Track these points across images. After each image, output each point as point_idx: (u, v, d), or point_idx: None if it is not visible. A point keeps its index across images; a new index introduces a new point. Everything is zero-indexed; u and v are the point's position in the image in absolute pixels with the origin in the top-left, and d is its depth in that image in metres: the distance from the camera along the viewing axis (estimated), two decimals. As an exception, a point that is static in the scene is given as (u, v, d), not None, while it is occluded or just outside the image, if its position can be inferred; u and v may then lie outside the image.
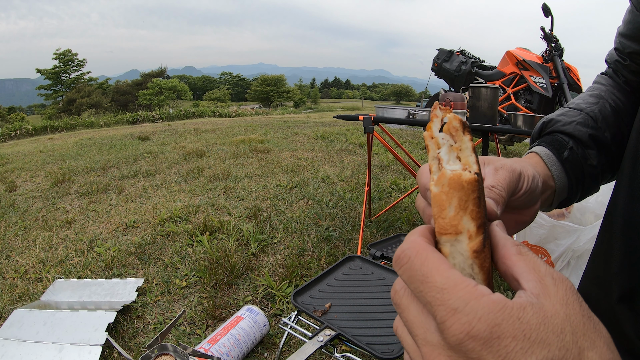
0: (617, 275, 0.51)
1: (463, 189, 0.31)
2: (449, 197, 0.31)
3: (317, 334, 0.68)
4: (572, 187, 0.51)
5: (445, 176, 0.32)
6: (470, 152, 0.33)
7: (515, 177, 0.38)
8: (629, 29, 0.53)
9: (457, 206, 0.31)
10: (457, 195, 0.31)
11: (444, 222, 0.32)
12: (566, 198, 0.52)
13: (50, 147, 4.88)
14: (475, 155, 0.33)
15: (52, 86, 31.66)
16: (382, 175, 2.89)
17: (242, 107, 22.07)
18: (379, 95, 78.09)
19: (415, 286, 0.21)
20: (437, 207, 0.32)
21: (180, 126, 7.25)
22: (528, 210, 0.43)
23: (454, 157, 0.33)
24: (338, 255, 1.56)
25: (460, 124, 0.33)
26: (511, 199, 0.39)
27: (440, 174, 0.33)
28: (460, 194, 0.31)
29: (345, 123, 6.36)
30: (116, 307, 1.17)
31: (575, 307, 0.20)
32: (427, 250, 0.23)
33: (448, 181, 0.32)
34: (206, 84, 66.21)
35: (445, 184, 0.32)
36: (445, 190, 0.32)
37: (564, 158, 0.50)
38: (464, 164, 0.32)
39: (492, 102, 1.42)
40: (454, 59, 4.59)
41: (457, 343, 0.18)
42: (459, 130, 0.33)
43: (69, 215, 2.14)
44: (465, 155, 0.33)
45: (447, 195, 0.31)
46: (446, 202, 0.31)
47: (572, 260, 1.19)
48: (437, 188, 0.32)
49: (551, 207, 0.51)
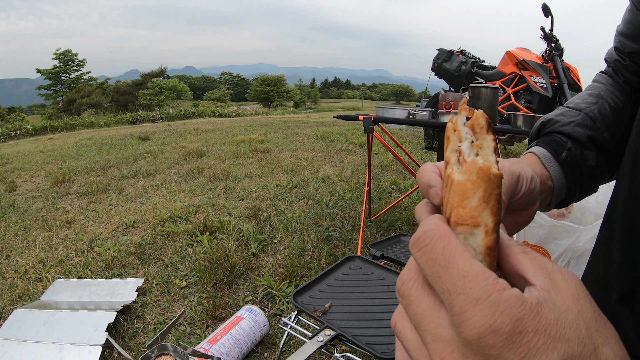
0: (617, 276, 0.51)
1: (490, 181, 0.30)
2: (475, 187, 0.30)
3: (317, 334, 0.68)
4: (570, 188, 0.51)
5: (475, 164, 0.31)
6: (492, 151, 0.31)
7: (514, 180, 0.39)
8: (629, 29, 0.53)
9: (481, 197, 0.30)
10: (483, 187, 0.30)
11: (464, 211, 0.30)
12: (564, 198, 0.52)
13: (50, 147, 4.88)
14: (495, 156, 0.33)
15: (52, 86, 31.66)
16: (382, 175, 2.89)
17: (242, 107, 22.06)
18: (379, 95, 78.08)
19: (435, 270, 0.20)
20: (460, 195, 0.31)
21: (180, 126, 7.26)
22: (527, 211, 0.43)
23: (474, 154, 0.31)
24: (338, 255, 1.56)
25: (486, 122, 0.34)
26: (510, 201, 0.39)
27: (470, 162, 0.32)
28: (486, 185, 0.30)
29: (345, 123, 6.36)
30: (116, 307, 1.17)
31: (586, 302, 0.19)
32: (450, 234, 0.21)
33: (477, 170, 0.30)
34: (206, 84, 66.21)
35: (473, 173, 0.30)
36: (472, 179, 0.30)
37: (562, 159, 0.50)
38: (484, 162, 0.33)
39: (492, 102, 1.42)
40: (454, 59, 4.59)
41: (476, 337, 0.17)
42: (484, 128, 0.32)
43: (69, 215, 2.14)
44: (485, 154, 0.33)
45: (473, 184, 0.30)
46: (471, 191, 0.30)
47: (572, 260, 1.19)
48: (463, 176, 0.31)
49: (549, 207, 0.51)
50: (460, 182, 0.31)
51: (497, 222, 0.30)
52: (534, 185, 0.42)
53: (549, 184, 0.48)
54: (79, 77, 32.64)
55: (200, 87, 64.02)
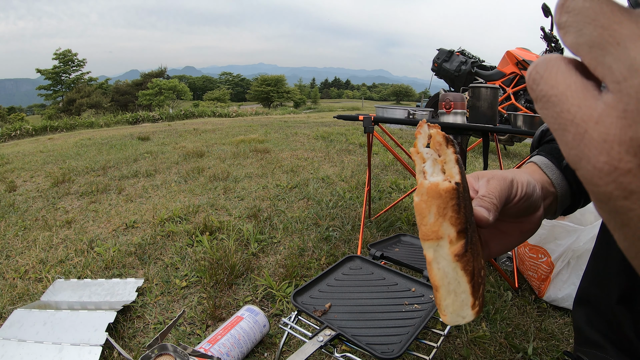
0: (617, 276, 0.51)
1: (441, 197, 0.33)
2: (428, 205, 0.34)
3: (317, 334, 0.68)
4: (574, 194, 0.51)
5: (423, 186, 0.35)
6: (454, 164, 0.35)
7: (506, 185, 0.39)
8: None
9: (436, 213, 0.33)
10: (436, 203, 0.33)
11: (426, 228, 0.34)
12: (570, 205, 0.52)
13: (50, 147, 4.88)
14: (458, 166, 0.35)
15: (52, 86, 31.64)
16: (382, 175, 2.89)
17: (242, 107, 22.05)
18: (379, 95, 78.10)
19: None
20: (419, 215, 0.35)
21: (180, 126, 7.25)
22: (530, 218, 0.43)
23: (439, 170, 0.36)
24: (338, 255, 1.56)
25: (443, 139, 0.36)
26: (508, 207, 0.40)
27: (419, 184, 0.36)
28: (438, 201, 0.33)
29: (345, 123, 6.36)
30: (116, 307, 1.17)
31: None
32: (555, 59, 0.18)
33: (426, 190, 0.34)
34: (206, 84, 66.20)
35: (424, 193, 0.34)
36: (424, 199, 0.34)
37: (564, 166, 0.50)
38: (447, 176, 0.35)
39: (492, 102, 1.42)
40: (454, 59, 4.59)
41: None
42: (443, 144, 0.36)
43: (69, 215, 2.14)
44: (449, 167, 0.36)
45: (426, 203, 0.34)
46: (426, 210, 0.34)
47: (572, 260, 1.19)
48: (418, 197, 0.35)
49: (556, 214, 0.51)
50: (416, 204, 0.35)
51: (461, 230, 0.34)
52: (532, 189, 0.42)
53: (551, 190, 0.48)
54: (79, 77, 32.62)
55: (200, 87, 64.03)
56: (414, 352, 0.69)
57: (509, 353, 1.04)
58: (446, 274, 0.34)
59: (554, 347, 1.05)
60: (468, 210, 0.35)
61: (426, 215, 0.34)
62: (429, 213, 0.34)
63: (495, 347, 1.06)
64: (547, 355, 1.03)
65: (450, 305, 0.35)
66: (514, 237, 0.43)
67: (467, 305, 0.35)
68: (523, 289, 1.35)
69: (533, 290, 1.33)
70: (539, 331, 1.12)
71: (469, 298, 0.35)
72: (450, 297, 0.35)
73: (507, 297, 1.28)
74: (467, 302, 0.35)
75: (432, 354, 0.69)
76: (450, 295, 0.35)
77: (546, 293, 1.25)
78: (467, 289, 0.34)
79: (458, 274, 0.34)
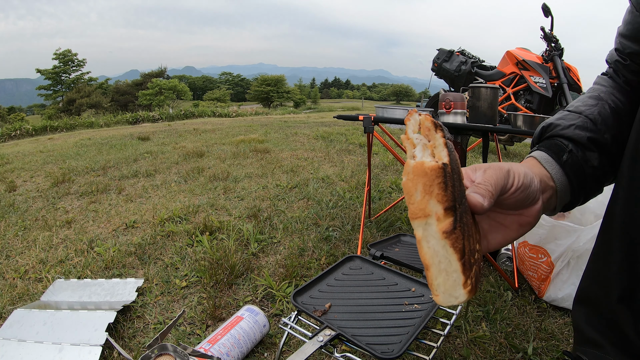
0: (617, 276, 0.51)
1: (426, 175, 0.34)
2: (415, 184, 0.35)
3: (317, 334, 0.68)
4: (574, 190, 0.51)
5: (409, 165, 0.36)
6: (442, 147, 0.36)
7: (502, 174, 0.40)
8: (629, 30, 0.53)
9: (422, 191, 0.34)
10: (422, 181, 0.34)
11: (413, 207, 0.35)
12: (570, 201, 0.52)
13: (50, 147, 4.88)
14: (447, 149, 0.36)
15: (52, 86, 31.63)
16: (382, 175, 2.89)
17: (242, 107, 22.04)
18: (379, 95, 78.09)
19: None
20: (406, 194, 0.36)
21: (180, 126, 7.25)
22: (529, 210, 0.43)
23: (429, 154, 0.37)
24: (338, 255, 1.56)
25: (431, 123, 0.37)
26: (505, 197, 0.40)
27: (405, 165, 0.37)
28: (424, 179, 0.34)
29: (345, 123, 6.36)
30: (116, 307, 1.17)
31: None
32: None
33: (412, 169, 0.35)
34: (206, 84, 66.18)
35: (410, 172, 0.35)
36: (410, 178, 0.35)
37: (564, 161, 0.50)
38: (437, 158, 0.36)
39: (492, 102, 1.42)
40: (454, 59, 4.59)
41: None
42: (431, 129, 0.37)
43: (69, 215, 2.14)
44: (438, 151, 0.37)
45: (413, 182, 0.35)
46: (412, 188, 0.35)
47: (572, 260, 1.19)
48: (405, 177, 0.36)
49: (555, 210, 0.51)
50: (404, 184, 0.36)
51: (448, 207, 0.34)
52: (529, 181, 0.42)
53: (550, 184, 0.48)
54: (78, 77, 32.61)
55: (200, 87, 64.02)
56: (414, 352, 0.69)
57: (509, 353, 1.04)
58: (436, 252, 0.35)
59: (554, 347, 1.05)
60: (458, 191, 0.35)
61: (413, 193, 0.35)
62: (416, 191, 0.35)
63: (495, 347, 1.06)
64: (547, 355, 1.03)
65: (441, 285, 0.35)
66: (513, 230, 0.44)
67: (459, 284, 0.35)
68: (523, 289, 1.35)
69: (533, 290, 1.33)
70: (539, 331, 1.12)
71: (460, 277, 0.34)
72: (442, 276, 0.35)
73: (507, 297, 1.28)
74: (459, 281, 0.35)
75: (432, 354, 0.69)
76: (442, 274, 0.35)
77: (546, 293, 1.25)
78: (458, 267, 0.34)
79: (448, 251, 0.34)
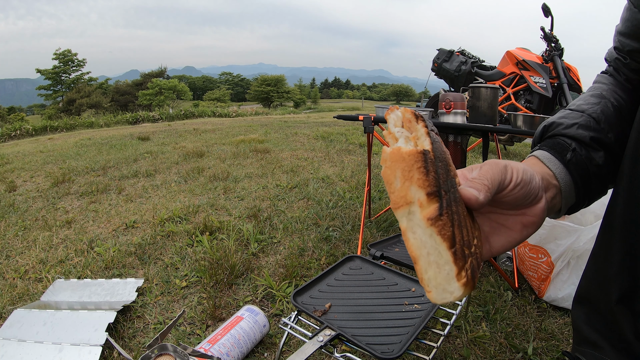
0: (617, 276, 0.51)
1: (404, 160, 0.33)
2: (393, 170, 0.33)
3: (317, 334, 0.68)
4: (579, 190, 0.49)
5: (386, 152, 0.34)
6: (425, 136, 0.35)
7: (499, 169, 0.38)
8: (628, 27, 0.53)
9: (401, 177, 0.33)
10: (400, 167, 0.33)
11: (394, 195, 0.33)
12: (575, 203, 0.51)
13: (50, 147, 4.89)
14: (430, 138, 0.35)
15: (52, 86, 31.62)
16: (382, 176, 2.89)
17: (242, 107, 22.04)
18: (379, 95, 78.09)
19: None
20: (387, 183, 0.34)
21: (180, 126, 7.25)
22: (532, 209, 0.42)
23: (412, 146, 0.35)
24: (338, 255, 1.56)
25: (412, 115, 0.36)
26: (504, 193, 0.39)
27: (382, 152, 0.35)
28: (402, 165, 0.33)
29: (345, 123, 6.36)
30: (116, 307, 1.17)
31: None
32: None
33: (389, 156, 0.34)
34: (206, 84, 66.17)
35: (387, 159, 0.34)
36: (388, 165, 0.34)
37: (568, 160, 0.49)
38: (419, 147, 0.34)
39: (492, 102, 1.42)
40: (454, 59, 4.59)
41: None
42: (412, 120, 0.36)
43: (69, 215, 2.14)
44: (420, 142, 0.35)
45: (391, 169, 0.33)
46: (391, 175, 0.33)
47: (572, 260, 1.19)
48: (383, 166, 0.34)
49: (560, 212, 0.50)
50: (382, 173, 0.34)
51: (431, 192, 0.32)
52: (529, 177, 0.41)
53: (553, 182, 0.47)
54: (79, 77, 32.60)
55: (200, 87, 64.00)
56: (414, 352, 0.69)
57: (509, 353, 1.04)
58: (423, 242, 0.31)
59: (553, 347, 1.05)
60: (443, 179, 0.33)
61: (392, 181, 0.33)
62: (395, 178, 0.33)
63: (495, 347, 1.06)
64: (547, 355, 1.03)
65: (432, 279, 0.31)
66: (516, 231, 0.42)
67: (452, 277, 0.31)
68: (523, 289, 1.35)
69: (533, 290, 1.33)
70: (539, 331, 1.12)
71: (452, 268, 0.31)
72: (432, 269, 0.31)
73: (507, 297, 1.28)
74: (452, 273, 0.31)
75: (432, 354, 0.69)
76: (432, 267, 0.31)
77: (546, 293, 1.25)
78: (449, 258, 0.31)
79: (436, 241, 0.31)
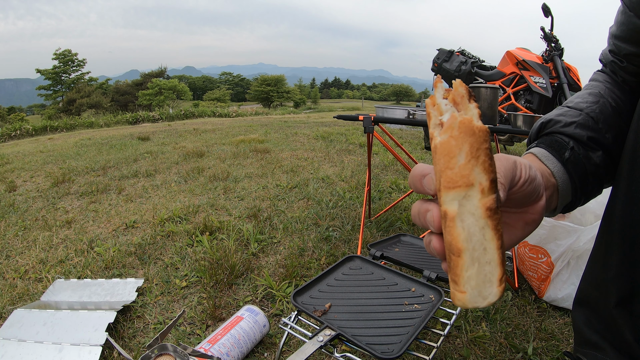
0: (616, 279, 0.51)
1: (474, 134, 0.27)
2: (459, 143, 0.28)
3: (317, 334, 0.68)
4: (575, 189, 0.49)
5: (455, 119, 0.28)
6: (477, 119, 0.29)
7: (510, 165, 0.37)
8: (622, 31, 0.52)
9: (468, 152, 0.27)
10: (469, 141, 0.27)
11: (453, 172, 0.28)
12: (570, 201, 0.51)
13: (50, 147, 4.88)
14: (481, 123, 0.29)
15: (52, 86, 31.62)
16: (382, 175, 2.89)
17: (242, 107, 22.04)
18: (379, 95, 78.13)
19: None
20: (445, 156, 0.28)
21: (180, 126, 7.25)
22: (534, 207, 0.41)
23: None
24: (338, 255, 1.56)
25: (466, 91, 0.30)
26: (512, 191, 0.38)
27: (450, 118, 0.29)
28: (472, 139, 0.27)
29: (345, 123, 6.36)
30: (116, 307, 1.17)
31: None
32: None
33: (459, 124, 0.28)
34: (206, 84, 66.19)
35: (455, 128, 0.28)
36: (455, 135, 0.28)
37: (566, 159, 0.49)
38: None
39: (492, 102, 1.42)
40: (454, 59, 4.59)
41: None
42: (465, 97, 0.30)
43: (69, 215, 2.14)
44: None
45: (457, 140, 0.28)
46: (456, 148, 0.28)
47: (572, 261, 1.19)
48: (446, 135, 0.28)
49: (555, 211, 0.50)
50: (443, 142, 0.28)
51: (494, 179, 0.28)
52: (534, 173, 0.40)
53: (551, 180, 0.47)
54: (79, 77, 32.60)
55: (200, 87, 64.00)
56: (414, 352, 0.69)
57: (509, 353, 1.04)
58: (472, 234, 0.27)
59: (554, 347, 1.05)
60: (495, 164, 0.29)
61: (456, 155, 0.27)
62: (460, 152, 0.27)
63: (495, 347, 1.06)
64: (547, 355, 1.03)
65: (473, 278, 0.27)
66: (518, 228, 0.41)
67: (493, 279, 0.27)
68: (523, 289, 1.35)
69: (533, 290, 1.33)
70: (539, 331, 1.12)
71: (496, 270, 0.27)
72: (474, 267, 0.27)
73: (507, 297, 1.28)
74: (494, 276, 0.27)
75: (432, 354, 0.69)
76: (474, 265, 0.27)
77: (546, 293, 1.25)
78: (495, 257, 0.27)
79: (486, 235, 0.27)
